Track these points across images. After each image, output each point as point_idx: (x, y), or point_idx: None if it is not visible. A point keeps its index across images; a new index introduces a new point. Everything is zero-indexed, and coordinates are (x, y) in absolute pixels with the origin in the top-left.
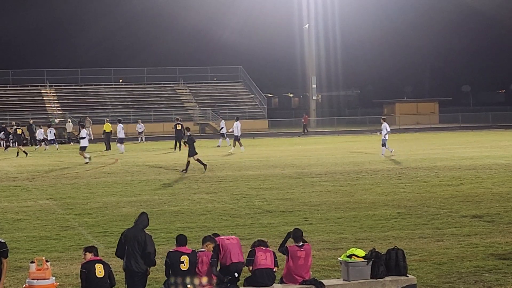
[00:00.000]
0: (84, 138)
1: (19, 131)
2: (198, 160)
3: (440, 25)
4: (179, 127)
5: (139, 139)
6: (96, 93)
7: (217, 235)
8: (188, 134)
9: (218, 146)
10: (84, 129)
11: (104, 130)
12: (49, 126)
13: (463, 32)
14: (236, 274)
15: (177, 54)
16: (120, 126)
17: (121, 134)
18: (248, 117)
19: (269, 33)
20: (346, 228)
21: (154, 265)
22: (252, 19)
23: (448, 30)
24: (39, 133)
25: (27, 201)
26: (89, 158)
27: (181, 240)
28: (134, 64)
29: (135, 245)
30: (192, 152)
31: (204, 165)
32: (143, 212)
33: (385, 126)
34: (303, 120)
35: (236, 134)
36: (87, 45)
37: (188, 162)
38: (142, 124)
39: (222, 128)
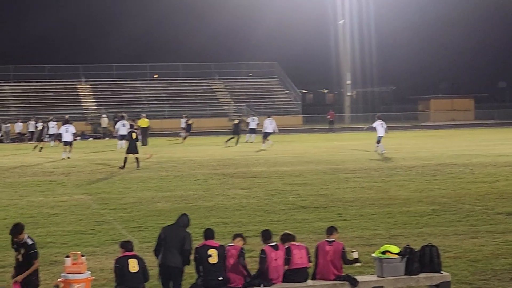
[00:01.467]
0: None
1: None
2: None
3: (476, 20)
4: (236, 121)
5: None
6: (132, 88)
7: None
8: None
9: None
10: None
11: (139, 126)
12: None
13: (500, 27)
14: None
15: (213, 50)
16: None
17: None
18: (282, 113)
19: (304, 29)
20: (380, 225)
21: (189, 264)
22: (287, 14)
23: (484, 25)
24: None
25: (63, 195)
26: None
27: (208, 234)
28: (169, 60)
29: (174, 240)
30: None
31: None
32: (185, 213)
33: (381, 124)
34: (329, 116)
35: (270, 131)
36: (122, 41)
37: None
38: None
39: (252, 123)
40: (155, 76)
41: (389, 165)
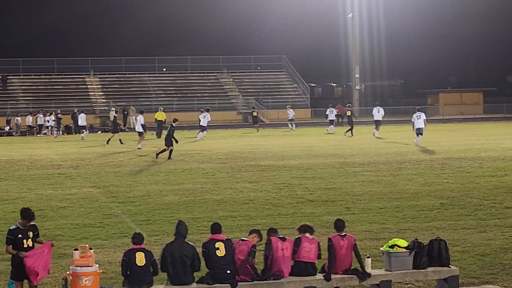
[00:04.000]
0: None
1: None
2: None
3: (485, 14)
4: (255, 113)
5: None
6: (140, 81)
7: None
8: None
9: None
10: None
11: (156, 118)
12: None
13: (508, 20)
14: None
15: (221, 43)
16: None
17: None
18: (291, 106)
19: (313, 22)
20: (389, 218)
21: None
22: (295, 8)
23: (493, 19)
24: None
25: (71, 188)
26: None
27: (215, 228)
28: (177, 53)
29: (183, 260)
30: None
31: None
32: (181, 221)
33: (417, 116)
34: (337, 110)
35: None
36: (131, 34)
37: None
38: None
39: (327, 115)
40: (163, 69)
41: (398, 159)
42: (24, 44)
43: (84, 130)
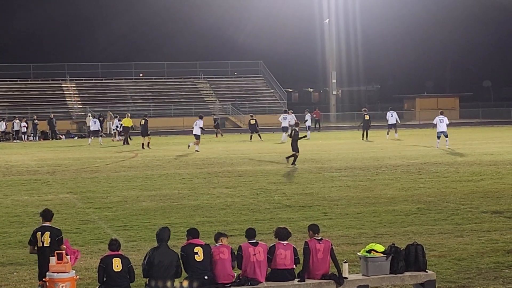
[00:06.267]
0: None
1: (142, 122)
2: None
3: (461, 20)
4: (252, 122)
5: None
6: (117, 87)
7: (225, 235)
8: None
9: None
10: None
11: (121, 124)
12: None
13: (484, 26)
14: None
15: (198, 49)
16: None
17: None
18: (268, 111)
19: (290, 27)
20: (366, 223)
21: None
22: (272, 13)
23: (469, 25)
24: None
25: (48, 194)
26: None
27: (193, 232)
28: (154, 59)
29: (169, 267)
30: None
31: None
32: (164, 227)
33: (440, 119)
34: (315, 115)
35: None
36: (107, 40)
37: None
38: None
39: (306, 120)
40: (140, 75)
41: (375, 164)
42: (0, 49)
43: (94, 136)
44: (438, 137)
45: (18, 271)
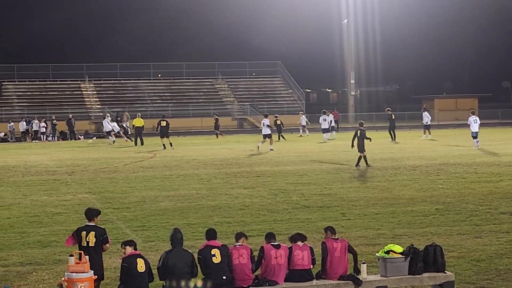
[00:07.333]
0: None
1: (163, 123)
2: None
3: (480, 20)
4: (278, 122)
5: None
6: (135, 87)
7: (246, 236)
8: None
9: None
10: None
11: (134, 125)
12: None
13: (503, 26)
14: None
15: (216, 49)
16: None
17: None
18: (286, 112)
19: (308, 28)
20: (384, 224)
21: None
22: (291, 14)
23: (487, 25)
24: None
25: (66, 194)
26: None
27: (211, 234)
28: (173, 59)
29: (183, 268)
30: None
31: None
32: (177, 229)
33: (474, 119)
34: (333, 116)
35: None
36: (126, 40)
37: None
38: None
39: (331, 121)
40: (158, 75)
41: (393, 165)
42: (19, 50)
43: (111, 136)
44: (474, 137)
45: (37, 271)
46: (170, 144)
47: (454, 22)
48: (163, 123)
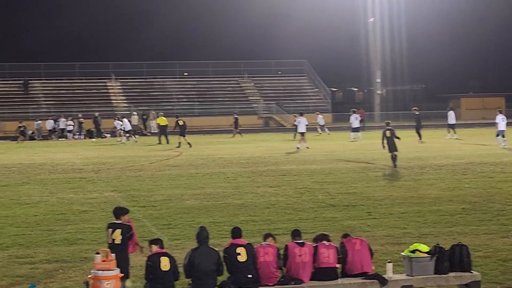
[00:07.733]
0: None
1: (180, 122)
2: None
3: (507, 17)
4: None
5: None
6: (161, 86)
7: (273, 237)
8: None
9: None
10: None
11: (159, 124)
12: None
13: None
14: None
15: (242, 48)
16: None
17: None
18: (312, 111)
19: (334, 26)
20: (410, 223)
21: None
22: (316, 12)
23: None
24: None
25: (93, 192)
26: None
27: (236, 232)
28: (199, 58)
29: (209, 267)
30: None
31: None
32: (202, 227)
33: (502, 118)
34: (360, 115)
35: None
36: (152, 39)
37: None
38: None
39: (353, 122)
40: (184, 74)
41: (419, 164)
42: (46, 48)
43: (129, 135)
44: (498, 135)
45: (64, 269)
46: (188, 143)
47: (480, 20)
48: (181, 122)
